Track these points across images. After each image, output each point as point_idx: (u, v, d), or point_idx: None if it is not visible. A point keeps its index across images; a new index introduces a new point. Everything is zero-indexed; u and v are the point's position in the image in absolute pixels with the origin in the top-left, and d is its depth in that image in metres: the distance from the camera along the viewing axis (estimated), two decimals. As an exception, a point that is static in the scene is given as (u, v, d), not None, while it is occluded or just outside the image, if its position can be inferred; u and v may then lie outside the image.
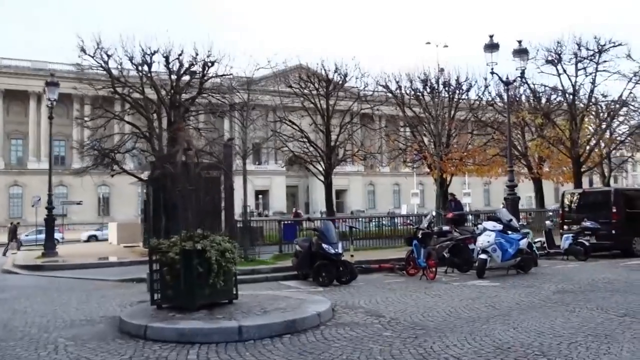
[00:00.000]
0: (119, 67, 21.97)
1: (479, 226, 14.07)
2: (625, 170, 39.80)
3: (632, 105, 26.42)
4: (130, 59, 21.56)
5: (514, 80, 21.52)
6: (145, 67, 21.99)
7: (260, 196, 76.69)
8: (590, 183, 39.53)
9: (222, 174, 19.91)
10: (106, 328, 8.21)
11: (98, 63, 21.07)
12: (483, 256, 13.00)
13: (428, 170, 29.13)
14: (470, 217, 19.41)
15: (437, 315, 8.74)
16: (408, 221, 18.64)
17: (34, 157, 66.41)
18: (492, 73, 21.10)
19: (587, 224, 16.66)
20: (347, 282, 12.45)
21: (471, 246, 14.02)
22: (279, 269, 14.40)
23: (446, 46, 31.88)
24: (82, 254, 22.86)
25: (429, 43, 29.13)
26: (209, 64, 23.07)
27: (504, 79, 21.46)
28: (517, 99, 29.72)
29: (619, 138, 31.85)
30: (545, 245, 17.36)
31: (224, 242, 8.53)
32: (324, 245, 12.37)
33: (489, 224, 13.60)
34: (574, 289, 11.16)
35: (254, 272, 14.10)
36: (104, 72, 22.28)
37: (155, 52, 21.53)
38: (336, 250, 12.34)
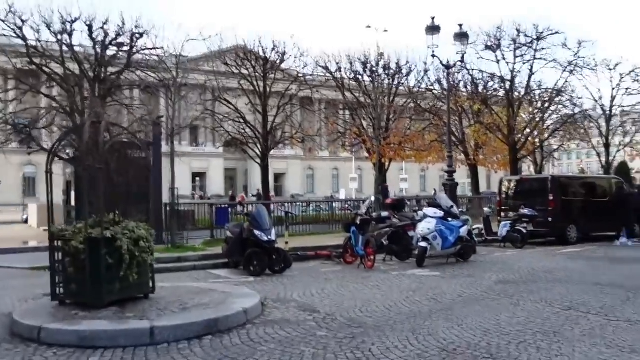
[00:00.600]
0: (36, 35, 20.03)
1: (419, 213, 13.53)
2: (555, 158, 40.84)
3: (565, 95, 26.80)
4: (48, 26, 19.69)
5: (454, 65, 21.18)
6: (66, 37, 20.15)
7: (197, 179, 74.70)
8: (520, 171, 40.31)
9: (150, 154, 18.68)
10: (-5, 329, 7.03)
11: (11, 28, 19.09)
12: (423, 244, 12.47)
13: (367, 154, 28.65)
14: (409, 202, 18.93)
15: (376, 310, 8.05)
16: (346, 206, 17.99)
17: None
18: (433, 56, 20.66)
19: (525, 211, 16.51)
20: (281, 272, 11.63)
21: (411, 233, 13.49)
22: (209, 257, 13.38)
23: (386, 31, 31.36)
24: (-6, 238, 20.93)
25: (369, 27, 28.50)
26: (137, 35, 21.46)
27: (445, 63, 21.10)
28: (456, 85, 29.61)
29: (551, 127, 32.49)
30: (484, 232, 17.14)
31: (137, 229, 7.47)
32: (256, 232, 11.47)
33: (430, 211, 13.08)
34: (516, 279, 10.77)
35: (181, 260, 13.05)
36: (20, 41, 20.28)
37: (76, 19, 19.76)
38: (269, 237, 11.47)
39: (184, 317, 6.76)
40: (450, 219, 13.36)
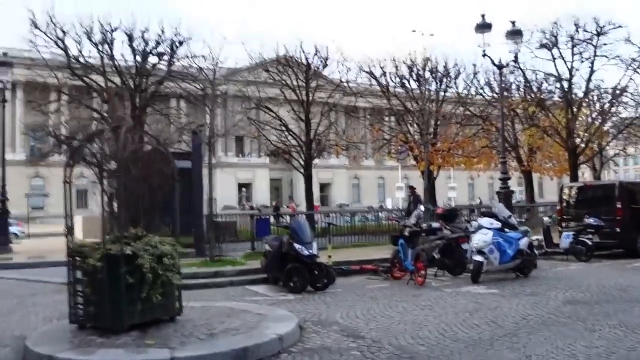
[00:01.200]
0: (78, 46, 19.94)
1: (473, 223, 12.41)
2: (615, 163, 38.41)
3: (629, 95, 24.95)
4: (89, 37, 19.55)
5: (507, 64, 19.90)
6: (107, 47, 19.99)
7: (243, 189, 74.92)
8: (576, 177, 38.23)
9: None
10: (10, 355, 6.43)
11: (52, 40, 19.02)
12: (479, 258, 11.36)
13: (414, 162, 27.53)
14: (463, 212, 17.69)
15: (429, 335, 7.07)
16: (393, 216, 16.98)
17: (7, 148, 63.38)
18: (484, 55, 19.43)
19: (590, 220, 15.10)
20: (323, 288, 10.76)
21: (464, 246, 12.39)
22: (247, 272, 12.62)
23: (432, 35, 30.04)
24: (40, 251, 20.85)
25: (414, 31, 27.46)
26: (177, 44, 21.16)
27: (497, 63, 19.84)
28: (508, 87, 28.14)
29: (612, 130, 30.55)
30: (543, 243, 15.78)
31: (161, 245, 6.75)
32: (296, 246, 10.64)
33: (485, 221, 11.95)
34: (586, 298, 9.55)
35: (218, 275, 12.34)
36: (62, 52, 20.23)
37: (116, 28, 19.57)
38: (310, 251, 10.62)
39: (210, 345, 5.97)
40: (507, 230, 12.21)
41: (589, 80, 22.50)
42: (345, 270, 13.08)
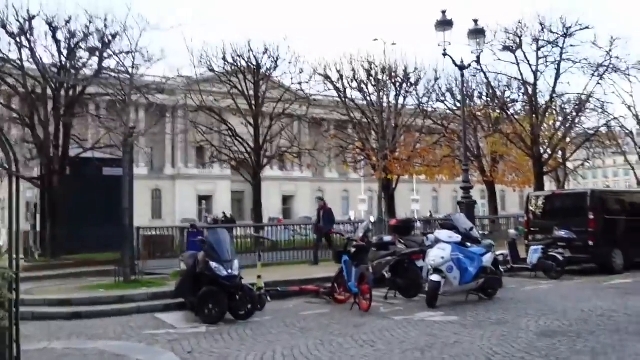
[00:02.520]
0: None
1: (430, 236, 10.57)
2: (582, 177, 37.36)
3: (594, 102, 23.80)
4: (3, 26, 17.21)
5: (469, 65, 18.38)
6: (24, 38, 17.67)
7: (203, 202, 72.39)
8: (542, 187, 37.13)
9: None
10: None
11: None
12: (436, 278, 9.54)
13: (372, 171, 25.79)
14: (418, 224, 15.90)
15: (363, 391, 5.15)
16: (335, 229, 15.05)
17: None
18: (445, 54, 17.86)
19: (561, 233, 13.48)
20: (247, 317, 8.77)
21: (420, 263, 10.57)
22: (162, 295, 10.48)
23: (394, 44, 27.96)
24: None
25: (376, 40, 25.68)
26: (109, 38, 18.96)
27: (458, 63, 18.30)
28: (471, 93, 26.79)
29: (576, 140, 29.47)
30: (509, 259, 14.12)
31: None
32: (212, 264, 8.63)
33: (443, 234, 10.15)
34: (563, 328, 7.79)
35: (124, 300, 10.18)
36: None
37: (34, 16, 17.29)
38: (229, 271, 8.61)
39: None
40: (469, 245, 10.46)
41: (554, 85, 21.22)
42: (282, 292, 11.13)
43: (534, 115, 19.84)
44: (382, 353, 6.52)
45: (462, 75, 17.97)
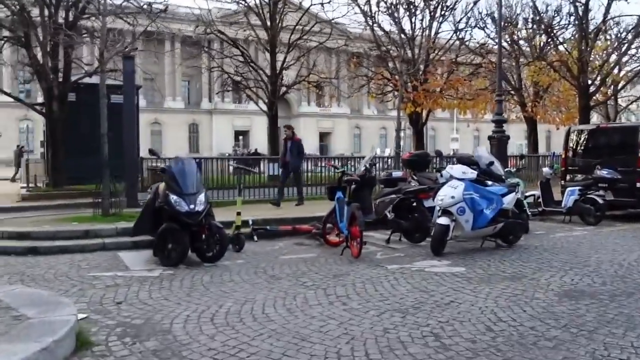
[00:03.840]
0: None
1: (444, 173, 8.91)
2: (632, 112, 34.15)
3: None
4: None
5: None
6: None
7: (240, 137, 72.01)
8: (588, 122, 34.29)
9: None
10: None
11: None
12: (443, 220, 7.99)
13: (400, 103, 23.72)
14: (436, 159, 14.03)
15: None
16: (332, 163, 13.40)
17: None
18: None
19: (603, 172, 11.60)
20: (215, 259, 7.51)
21: (429, 202, 9.01)
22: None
23: None
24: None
25: None
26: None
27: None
28: (514, 18, 24.13)
29: (630, 73, 26.63)
30: (540, 200, 12.38)
31: None
32: (172, 198, 7.29)
33: (456, 170, 8.51)
34: (594, 287, 6.21)
35: (89, 236, 9.04)
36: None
37: None
38: (191, 206, 7.26)
39: None
40: (489, 183, 8.82)
41: (608, 6, 18.37)
42: (271, 231, 9.81)
43: (582, 40, 17.37)
44: (352, 314, 5.12)
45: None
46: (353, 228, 7.75)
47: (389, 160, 15.64)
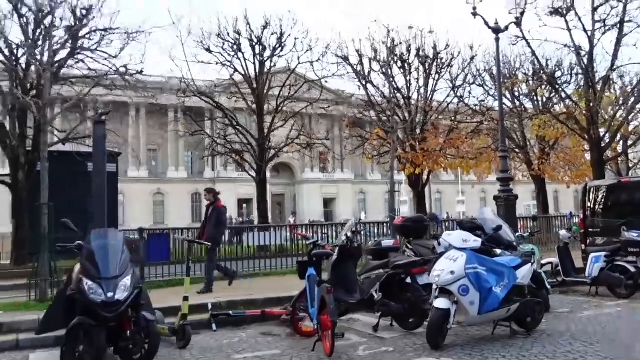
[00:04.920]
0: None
1: (442, 241, 7.19)
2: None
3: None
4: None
5: (507, 27, 14.85)
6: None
7: (244, 205, 71.19)
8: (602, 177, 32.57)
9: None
10: None
11: None
12: (442, 303, 6.23)
13: (399, 163, 22.28)
14: (438, 224, 12.25)
15: None
16: (300, 232, 11.60)
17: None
18: (474, 14, 14.51)
19: (632, 234, 9.84)
20: (145, 361, 5.70)
21: (424, 278, 7.27)
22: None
23: (432, 32, 23.71)
24: None
25: (411, 27, 22.12)
26: (83, 12, 16.46)
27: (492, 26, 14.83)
28: (513, 72, 22.97)
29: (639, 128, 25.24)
30: (560, 269, 10.56)
31: None
32: (86, 284, 5.58)
33: (456, 237, 6.81)
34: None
35: (2, 331, 7.28)
36: None
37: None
38: (109, 294, 5.53)
39: None
40: (498, 252, 7.12)
41: (615, 52, 17.05)
42: (235, 316, 8.03)
43: (589, 90, 16.03)
44: None
45: (497, 39, 14.50)
46: (323, 317, 5.98)
47: (384, 226, 13.96)
